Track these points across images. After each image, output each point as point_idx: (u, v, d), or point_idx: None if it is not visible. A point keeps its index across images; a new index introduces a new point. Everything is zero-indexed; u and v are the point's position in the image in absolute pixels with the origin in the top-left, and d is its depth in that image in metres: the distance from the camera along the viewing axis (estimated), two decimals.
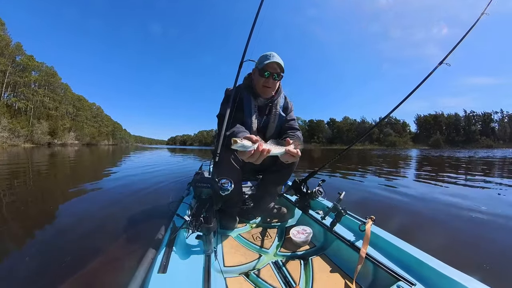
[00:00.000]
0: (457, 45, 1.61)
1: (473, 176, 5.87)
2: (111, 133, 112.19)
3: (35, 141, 48.97)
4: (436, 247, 1.63)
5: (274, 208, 1.91)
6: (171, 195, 3.39)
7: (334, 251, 1.34)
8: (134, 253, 1.58)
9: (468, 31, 1.63)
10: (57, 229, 2.14)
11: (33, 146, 42.86)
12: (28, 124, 50.44)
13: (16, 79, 50.85)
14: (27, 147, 33.72)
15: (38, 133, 50.20)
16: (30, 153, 16.02)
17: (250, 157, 1.01)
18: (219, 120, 1.62)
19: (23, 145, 43.31)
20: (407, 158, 14.12)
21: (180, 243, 1.25)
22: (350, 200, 3.07)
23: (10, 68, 49.99)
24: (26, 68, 53.97)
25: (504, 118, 72.80)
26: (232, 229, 1.67)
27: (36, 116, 55.25)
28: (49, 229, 2.14)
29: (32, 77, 55.78)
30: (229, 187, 1.33)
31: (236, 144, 0.95)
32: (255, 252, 1.38)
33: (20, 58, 52.86)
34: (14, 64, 51.38)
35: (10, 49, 49.29)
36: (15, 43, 51.20)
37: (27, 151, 19.74)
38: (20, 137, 44.80)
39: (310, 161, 10.82)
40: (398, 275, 1.01)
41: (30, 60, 54.77)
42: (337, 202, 1.53)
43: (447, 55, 1.62)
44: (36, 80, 58.01)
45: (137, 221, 2.32)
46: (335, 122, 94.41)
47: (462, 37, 1.62)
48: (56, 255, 1.65)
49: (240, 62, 1.51)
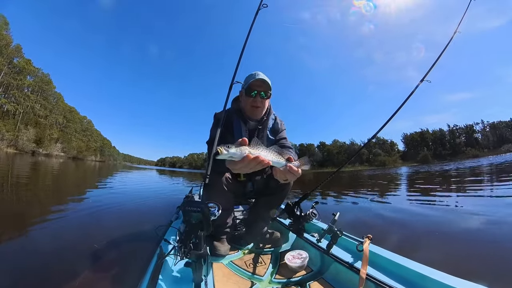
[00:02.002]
0: (436, 62, 1.73)
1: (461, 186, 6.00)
2: (99, 149, 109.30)
3: (19, 148, 47.05)
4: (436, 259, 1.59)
5: (267, 233, 1.84)
6: (158, 218, 3.25)
7: (333, 275, 1.29)
8: (115, 281, 1.45)
9: (444, 48, 1.77)
10: (29, 250, 1.97)
11: (16, 152, 41.21)
12: (15, 128, 48.72)
13: (10, 80, 50.07)
14: (10, 153, 32.10)
15: (23, 139, 48.41)
16: (12, 159, 15.25)
17: (242, 167, 0.89)
18: (209, 146, 1.56)
19: (5, 149, 41.51)
20: (397, 176, 14.35)
21: (167, 271, 1.16)
22: (345, 220, 3.03)
23: (6, 69, 49.34)
24: (22, 71, 53.53)
25: (485, 127, 76.29)
26: (223, 255, 1.58)
27: (24, 121, 53.80)
28: (19, 250, 1.97)
29: (26, 81, 55.10)
30: (216, 211, 1.27)
31: (222, 155, 0.84)
32: (248, 280, 1.30)
33: (18, 60, 52.62)
34: (11, 65, 50.88)
35: (9, 49, 49.12)
36: (15, 45, 51.21)
37: (9, 156, 18.74)
38: (4, 141, 43.09)
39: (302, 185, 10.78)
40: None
41: (27, 64, 54.57)
42: (332, 223, 1.48)
43: (427, 72, 1.72)
44: (30, 85, 57.32)
45: (120, 245, 2.18)
46: (325, 145, 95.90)
47: (440, 54, 1.75)
48: (28, 275, 1.51)
49: (230, 84, 1.50)
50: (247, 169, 0.90)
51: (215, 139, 1.35)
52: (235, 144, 0.87)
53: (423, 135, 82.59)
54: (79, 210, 3.40)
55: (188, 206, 1.55)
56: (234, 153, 0.84)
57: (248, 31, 1.55)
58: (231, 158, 0.86)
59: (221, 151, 0.83)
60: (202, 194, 1.43)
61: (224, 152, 0.83)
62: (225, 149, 0.83)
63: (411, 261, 1.12)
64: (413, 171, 20.41)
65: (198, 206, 1.49)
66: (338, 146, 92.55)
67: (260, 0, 1.58)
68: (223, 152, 0.83)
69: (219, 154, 0.84)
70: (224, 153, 0.83)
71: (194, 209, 1.49)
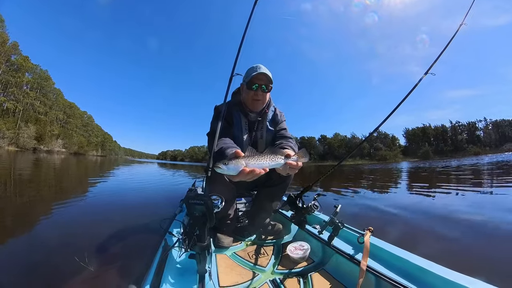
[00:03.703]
0: (441, 53, 1.70)
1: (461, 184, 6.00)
2: (101, 144, 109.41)
3: (20, 145, 47.24)
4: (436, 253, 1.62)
5: (270, 225, 1.86)
6: (162, 212, 3.27)
7: (334, 266, 1.30)
8: (122, 272, 1.49)
9: (450, 40, 1.73)
10: (34, 244, 2.01)
11: (17, 150, 41.36)
12: (15, 126, 48.74)
13: (8, 78, 49.85)
14: (11, 150, 32.27)
15: (24, 137, 48.54)
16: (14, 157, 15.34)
17: (242, 178, 0.91)
18: (209, 138, 1.58)
19: (7, 147, 41.69)
20: (398, 171, 14.36)
21: (172, 263, 1.19)
22: (347, 213, 3.06)
23: (4, 67, 49.13)
24: (20, 69, 53.22)
25: (488, 125, 75.71)
26: (226, 247, 1.60)
27: (24, 119, 53.76)
28: (29, 242, 2.02)
29: (25, 78, 54.77)
30: (219, 204, 1.28)
31: (220, 170, 0.88)
32: (251, 271, 1.32)
33: (15, 58, 52.20)
34: (8, 63, 50.56)
35: (6, 47, 48.65)
36: (12, 42, 50.62)
37: (11, 154, 18.85)
38: (5, 139, 43.17)
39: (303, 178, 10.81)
40: (402, 285, 0.98)
41: (25, 61, 54.16)
42: (334, 215, 1.50)
43: (432, 65, 1.69)
44: (29, 82, 56.99)
45: (126, 238, 2.21)
46: (326, 138, 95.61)
47: (445, 47, 1.72)
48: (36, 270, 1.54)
49: (230, 76, 1.45)
50: (246, 179, 0.93)
51: (216, 132, 1.35)
52: (230, 158, 0.91)
53: (425, 131, 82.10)
54: (82, 204, 3.44)
55: (191, 199, 1.56)
56: (231, 169, 0.88)
57: (247, 23, 1.52)
58: (229, 173, 0.89)
59: (219, 168, 0.88)
60: (205, 187, 1.44)
61: (222, 168, 0.87)
62: (222, 166, 0.88)
63: (411, 254, 1.13)
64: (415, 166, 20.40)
65: (201, 199, 1.50)
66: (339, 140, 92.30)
67: None
68: (221, 168, 0.88)
69: (216, 169, 0.89)
70: (223, 169, 0.88)
71: (198, 202, 1.50)
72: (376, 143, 78.38)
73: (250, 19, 1.51)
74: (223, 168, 0.87)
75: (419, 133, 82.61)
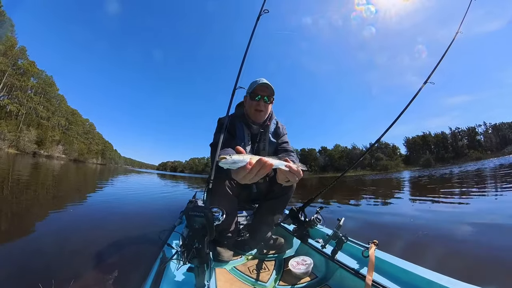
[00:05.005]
0: (439, 62, 1.73)
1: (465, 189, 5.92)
2: (101, 152, 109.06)
3: (20, 148, 47.09)
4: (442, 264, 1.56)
5: (271, 239, 1.82)
6: (161, 223, 3.24)
7: (338, 281, 1.26)
8: (118, 283, 1.43)
9: (447, 49, 1.77)
10: (30, 252, 1.95)
11: (17, 152, 41.34)
12: (17, 129, 48.73)
13: (13, 81, 50.46)
14: (11, 153, 32.20)
15: (24, 140, 48.44)
16: (13, 159, 15.31)
17: (247, 174, 0.89)
18: (212, 149, 1.61)
19: (6, 149, 41.54)
20: (400, 181, 14.23)
21: (169, 276, 1.15)
22: (350, 226, 3.01)
23: (10, 70, 49.82)
24: (25, 73, 54.04)
25: (488, 129, 75.13)
26: (226, 261, 1.56)
27: (27, 122, 53.93)
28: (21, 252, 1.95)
29: (30, 82, 55.49)
30: (220, 216, 1.26)
31: (224, 161, 0.85)
32: (251, 286, 1.28)
33: (22, 62, 53.13)
34: (15, 66, 51.41)
35: (14, 51, 49.63)
36: (20, 47, 51.77)
37: (10, 157, 18.78)
38: (5, 141, 43.08)
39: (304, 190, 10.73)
40: None
41: (31, 66, 55.06)
42: (337, 228, 1.46)
43: (431, 74, 1.72)
44: (33, 87, 57.74)
45: (123, 249, 2.16)
46: (326, 150, 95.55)
47: (442, 55, 1.76)
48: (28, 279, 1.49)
49: (233, 89, 1.51)
50: (251, 175, 0.91)
51: (218, 144, 1.38)
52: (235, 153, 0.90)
53: (425, 139, 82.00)
54: (80, 213, 3.40)
55: (191, 211, 1.53)
56: (237, 159, 0.86)
57: (250, 37, 1.58)
58: (234, 164, 0.87)
59: (224, 159, 0.85)
60: (205, 198, 1.42)
61: (227, 159, 0.85)
62: (227, 157, 0.85)
63: (418, 266, 1.09)
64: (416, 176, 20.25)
65: (201, 211, 1.47)
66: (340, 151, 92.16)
67: (261, 6, 1.62)
68: (226, 159, 0.85)
69: (222, 161, 0.86)
70: (228, 159, 0.85)
71: (198, 214, 1.47)
72: (377, 153, 78.08)
73: (252, 35, 1.58)
74: (228, 159, 0.85)
75: (419, 141, 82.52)
